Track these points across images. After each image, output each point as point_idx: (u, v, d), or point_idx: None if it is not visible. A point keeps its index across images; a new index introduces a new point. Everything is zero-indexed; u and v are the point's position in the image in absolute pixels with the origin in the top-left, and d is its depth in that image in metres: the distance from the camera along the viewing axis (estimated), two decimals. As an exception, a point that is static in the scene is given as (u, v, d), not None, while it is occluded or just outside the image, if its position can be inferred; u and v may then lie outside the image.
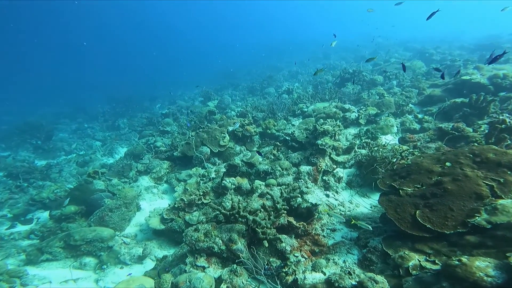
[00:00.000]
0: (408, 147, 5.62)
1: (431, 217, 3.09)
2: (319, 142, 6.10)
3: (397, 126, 6.92)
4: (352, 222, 3.73)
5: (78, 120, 17.26)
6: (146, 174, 7.88)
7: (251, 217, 4.04)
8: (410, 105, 7.41)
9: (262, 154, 6.82)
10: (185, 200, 6.07)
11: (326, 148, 6.08)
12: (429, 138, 5.65)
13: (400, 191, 3.69)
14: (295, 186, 5.56)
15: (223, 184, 5.73)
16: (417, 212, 3.22)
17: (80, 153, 11.76)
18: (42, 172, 9.04)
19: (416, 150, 5.22)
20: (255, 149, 8.02)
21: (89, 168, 9.49)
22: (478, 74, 7.80)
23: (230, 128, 7.32)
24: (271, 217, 4.13)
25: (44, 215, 6.82)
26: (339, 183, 6.01)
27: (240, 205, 4.44)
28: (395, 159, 5.17)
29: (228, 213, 4.20)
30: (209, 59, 41.92)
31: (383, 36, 32.57)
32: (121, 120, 15.23)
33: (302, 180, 5.74)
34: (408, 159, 5.04)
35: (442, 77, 5.41)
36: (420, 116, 6.94)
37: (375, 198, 5.40)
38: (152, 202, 7.12)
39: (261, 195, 5.48)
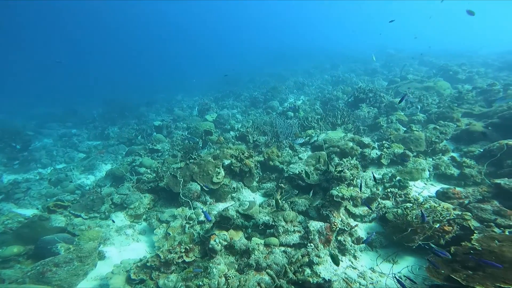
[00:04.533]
0: (452, 207, 4.35)
1: None
2: (335, 193, 4.82)
3: (429, 170, 5.63)
4: None
5: (67, 124, 16.06)
6: (121, 209, 6.61)
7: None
8: (445, 142, 6.12)
9: (262, 201, 5.57)
10: (162, 257, 4.81)
11: (343, 200, 4.81)
12: (480, 196, 4.35)
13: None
14: (303, 254, 4.31)
15: (210, 246, 4.46)
16: None
17: (57, 166, 10.53)
18: (2, 192, 7.80)
19: (467, 213, 3.93)
20: (254, 184, 6.75)
21: (59, 190, 8.27)
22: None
23: (226, 162, 6.07)
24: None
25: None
26: (357, 245, 4.73)
27: (231, 281, 3.21)
28: (437, 225, 3.88)
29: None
30: (212, 62, 40.81)
31: (395, 48, 31.36)
32: (112, 128, 14.02)
33: (311, 245, 4.46)
34: (454, 227, 3.76)
35: (401, 101, 4.59)
36: (458, 158, 5.64)
37: (404, 263, 4.14)
38: (124, 248, 5.76)
39: (258, 269, 4.20)
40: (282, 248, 4.65)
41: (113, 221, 5.98)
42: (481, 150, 5.56)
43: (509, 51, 23.14)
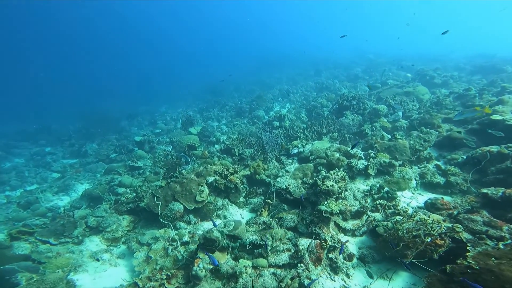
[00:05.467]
0: (442, 218, 4.27)
1: None
2: (323, 208, 4.64)
3: (415, 179, 5.59)
4: None
5: (40, 142, 15.15)
6: (97, 233, 6.13)
7: None
8: (428, 149, 6.14)
9: (250, 218, 5.31)
10: (141, 286, 4.44)
11: (332, 216, 4.65)
12: (469, 206, 4.30)
13: None
14: (293, 276, 4.07)
15: (194, 273, 4.13)
16: None
17: (28, 188, 9.80)
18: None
19: (458, 225, 3.84)
20: (241, 199, 6.48)
21: (28, 213, 7.63)
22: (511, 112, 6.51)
23: (210, 179, 5.78)
24: None
25: None
26: (349, 261, 4.55)
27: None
28: (429, 238, 3.76)
29: None
30: (197, 71, 40.45)
31: (374, 52, 32.40)
32: (90, 145, 13.34)
33: (302, 265, 4.23)
34: (446, 241, 3.66)
35: (353, 147, 4.73)
36: (443, 166, 5.64)
37: (399, 280, 3.99)
38: (99, 275, 5.26)
39: (246, 295, 3.91)
40: (272, 270, 4.39)
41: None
42: (464, 157, 5.60)
43: (477, 54, 24.41)
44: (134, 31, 67.68)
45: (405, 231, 3.85)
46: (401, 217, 4.31)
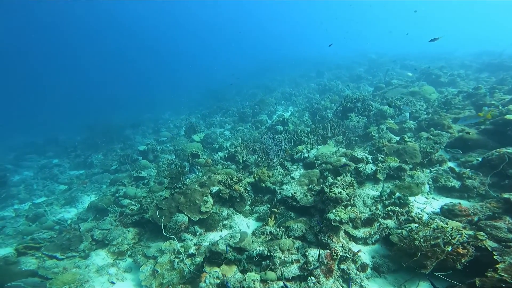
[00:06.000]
0: (461, 225, 4.05)
1: None
2: (332, 217, 4.47)
3: (428, 183, 5.38)
4: None
5: (48, 154, 15.29)
6: (103, 246, 6.06)
7: None
8: (440, 152, 5.92)
9: (256, 227, 5.17)
10: (147, 304, 4.33)
11: (341, 224, 4.47)
12: (490, 212, 4.08)
13: None
14: (304, 290, 3.91)
15: (200, 289, 4.00)
16: None
17: (35, 201, 9.82)
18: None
19: (481, 233, 3.63)
20: (247, 208, 6.34)
21: (36, 227, 7.61)
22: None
23: (214, 189, 5.66)
24: None
25: None
26: (363, 272, 4.35)
27: None
28: (450, 247, 3.55)
29: None
30: (200, 77, 40.65)
31: (376, 52, 32.14)
32: (95, 156, 13.38)
33: (312, 278, 4.06)
34: (470, 250, 3.45)
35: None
36: (457, 169, 5.42)
37: None
38: None
39: (255, 315, 3.76)
40: (281, 283, 4.23)
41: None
42: (480, 159, 5.38)
43: (483, 51, 23.91)
44: (135, 37, 68.52)
45: (422, 240, 3.66)
46: (416, 225, 4.09)
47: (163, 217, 5.35)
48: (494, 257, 3.31)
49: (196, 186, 5.85)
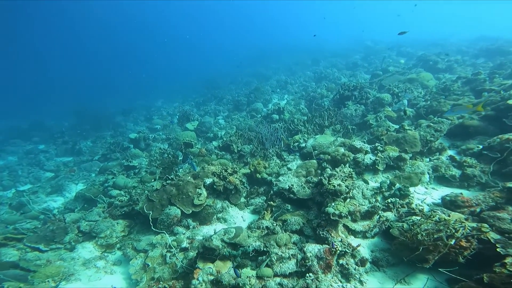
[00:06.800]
0: (464, 216, 3.92)
1: None
2: (331, 210, 4.29)
3: (428, 173, 5.23)
4: None
5: (33, 139, 14.65)
6: (90, 238, 5.79)
7: None
8: (440, 140, 5.76)
9: (252, 221, 4.96)
10: (137, 300, 4.15)
11: (340, 218, 4.30)
12: (493, 202, 3.96)
13: None
14: (302, 286, 3.76)
15: (193, 287, 3.81)
16: None
17: (20, 188, 9.41)
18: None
19: (484, 224, 3.50)
20: (242, 200, 6.13)
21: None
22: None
23: (208, 181, 5.40)
24: None
25: None
26: (362, 267, 4.23)
27: None
28: (453, 241, 3.41)
29: None
30: (194, 64, 39.48)
31: (372, 39, 31.56)
32: (84, 142, 12.88)
33: (311, 274, 3.91)
34: (473, 243, 3.32)
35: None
36: (457, 157, 5.27)
37: (418, 284, 3.67)
38: (93, 283, 4.91)
39: (252, 313, 3.60)
40: (278, 280, 4.07)
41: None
42: (480, 147, 5.23)
43: (478, 37, 23.67)
44: (130, 22, 65.83)
45: (424, 234, 3.51)
46: (418, 217, 3.95)
47: (151, 212, 5.08)
48: (497, 249, 3.20)
49: (189, 177, 5.57)
